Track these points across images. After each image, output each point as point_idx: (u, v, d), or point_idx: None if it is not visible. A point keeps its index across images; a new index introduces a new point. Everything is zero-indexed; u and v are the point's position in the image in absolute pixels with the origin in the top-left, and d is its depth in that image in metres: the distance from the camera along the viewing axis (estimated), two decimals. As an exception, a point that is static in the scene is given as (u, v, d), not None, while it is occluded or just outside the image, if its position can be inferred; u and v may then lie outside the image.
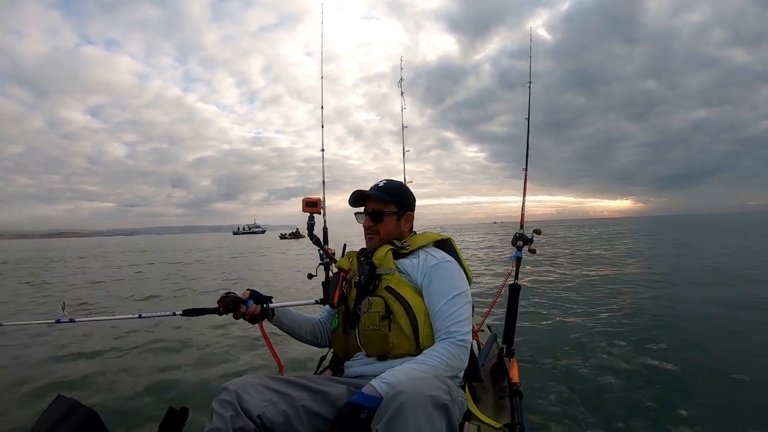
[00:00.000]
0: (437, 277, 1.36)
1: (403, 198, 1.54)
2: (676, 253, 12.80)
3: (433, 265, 1.38)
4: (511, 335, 2.34)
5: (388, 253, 1.42)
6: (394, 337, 1.30)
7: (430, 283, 1.35)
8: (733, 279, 7.51)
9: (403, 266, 1.40)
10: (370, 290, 1.38)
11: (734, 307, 5.34)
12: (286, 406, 1.14)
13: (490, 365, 1.98)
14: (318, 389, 1.23)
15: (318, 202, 2.17)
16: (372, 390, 1.10)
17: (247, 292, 1.48)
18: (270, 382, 1.17)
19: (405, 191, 1.57)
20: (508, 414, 1.57)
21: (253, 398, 1.10)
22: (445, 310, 1.30)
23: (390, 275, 1.38)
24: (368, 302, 1.35)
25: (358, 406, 1.06)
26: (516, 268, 2.56)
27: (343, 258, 1.63)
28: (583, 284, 7.41)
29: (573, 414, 2.57)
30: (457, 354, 1.24)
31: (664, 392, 2.86)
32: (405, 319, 1.31)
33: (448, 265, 1.40)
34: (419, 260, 1.41)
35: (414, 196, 1.60)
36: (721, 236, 21.72)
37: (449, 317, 1.29)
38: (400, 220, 1.53)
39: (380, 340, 1.31)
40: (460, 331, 1.27)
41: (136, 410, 2.79)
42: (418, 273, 1.38)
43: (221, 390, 1.10)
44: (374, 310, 1.32)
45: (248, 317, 1.47)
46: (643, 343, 3.89)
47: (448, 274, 1.37)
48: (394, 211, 1.51)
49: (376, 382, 1.12)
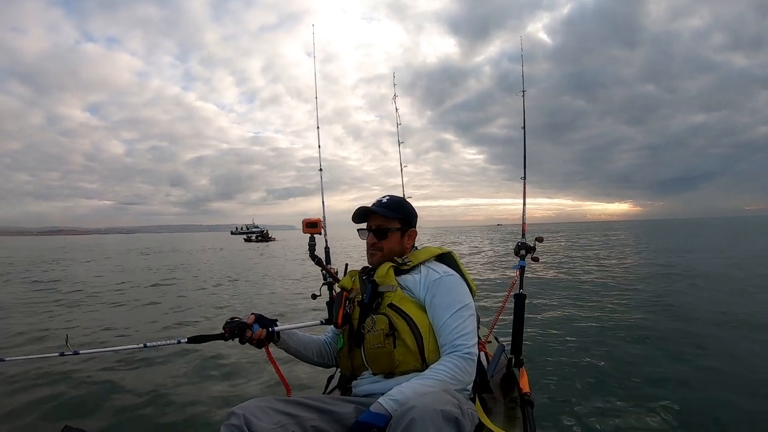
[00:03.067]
0: (440, 292, 1.35)
1: (407, 214, 1.55)
2: (680, 260, 12.75)
3: (435, 279, 1.38)
4: (519, 345, 2.32)
5: (390, 271, 1.42)
6: (400, 354, 1.30)
7: (434, 298, 1.35)
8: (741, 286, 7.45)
9: (405, 282, 1.41)
10: (373, 308, 1.38)
11: (749, 317, 5.29)
12: (296, 427, 1.14)
13: (499, 376, 1.96)
14: (327, 409, 1.22)
15: (318, 223, 2.18)
16: (380, 408, 1.10)
17: (252, 316, 1.48)
18: (278, 405, 1.16)
19: (408, 207, 1.58)
20: (520, 424, 1.56)
21: (262, 422, 1.09)
22: (449, 324, 1.30)
23: (392, 292, 1.38)
24: (372, 320, 1.35)
25: (366, 425, 1.06)
26: (520, 278, 2.55)
27: (345, 277, 1.63)
28: (589, 291, 7.37)
29: (585, 422, 2.54)
30: (463, 367, 1.24)
31: (674, 396, 2.82)
32: (409, 335, 1.31)
33: (450, 279, 1.40)
34: (421, 275, 1.41)
35: (416, 212, 1.61)
36: (722, 241, 21.60)
37: (454, 331, 1.29)
38: (404, 237, 1.54)
39: (386, 358, 1.31)
40: (465, 344, 1.27)
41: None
42: (421, 288, 1.38)
43: (229, 415, 1.09)
44: (378, 328, 1.32)
45: (254, 342, 1.45)
46: (655, 349, 3.86)
47: (451, 287, 1.37)
48: (398, 228, 1.53)
49: (384, 399, 1.12)
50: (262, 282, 10.83)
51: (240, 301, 7.92)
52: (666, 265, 10.79)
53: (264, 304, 7.56)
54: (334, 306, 1.52)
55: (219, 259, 19.66)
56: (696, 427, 2.47)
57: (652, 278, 8.55)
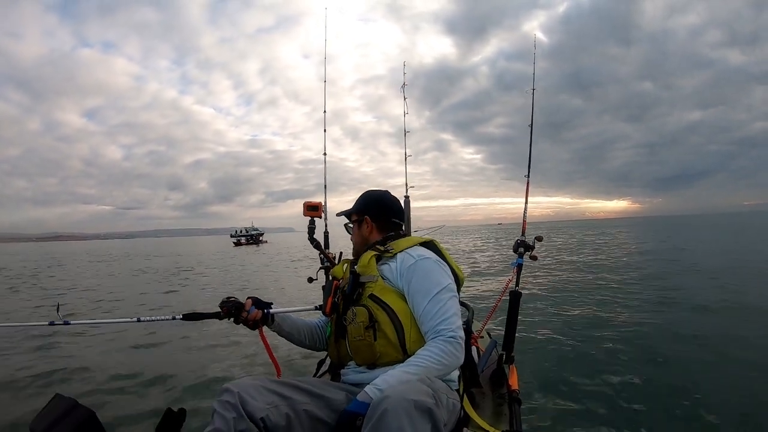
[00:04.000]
0: (416, 277, 1.33)
1: (362, 204, 1.59)
2: (676, 258, 12.76)
3: (410, 265, 1.36)
4: (511, 342, 2.33)
5: (371, 260, 1.41)
6: (380, 346, 1.29)
7: (410, 284, 1.33)
8: (739, 284, 7.45)
9: (384, 272, 1.40)
10: (354, 300, 1.37)
11: (742, 315, 5.30)
12: (289, 409, 1.14)
13: (489, 372, 1.97)
14: (319, 394, 1.23)
15: (319, 206, 2.16)
16: (365, 397, 1.10)
17: (249, 300, 1.48)
18: (272, 385, 1.17)
19: (366, 197, 1.61)
20: (506, 420, 1.57)
21: (256, 401, 1.09)
22: (429, 310, 1.27)
23: (373, 282, 1.37)
24: (353, 313, 1.34)
25: (353, 414, 1.06)
26: (517, 275, 2.55)
27: (338, 265, 1.63)
28: (583, 291, 7.38)
29: (571, 422, 2.57)
30: (449, 351, 1.21)
31: (664, 400, 2.84)
32: (390, 326, 1.30)
33: (424, 263, 1.36)
34: (397, 263, 1.39)
35: (383, 199, 1.60)
36: (718, 237, 21.60)
37: (435, 315, 1.26)
38: (362, 226, 1.56)
39: (367, 350, 1.31)
40: (449, 328, 1.24)
41: (134, 411, 2.79)
42: (397, 276, 1.36)
43: (222, 391, 1.09)
44: (359, 320, 1.32)
45: (249, 323, 1.46)
46: (645, 351, 3.88)
47: (427, 271, 1.34)
48: (355, 219, 1.59)
49: (370, 388, 1.13)
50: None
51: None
52: (663, 261, 10.78)
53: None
54: (324, 294, 1.55)
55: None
56: (687, 423, 2.49)
57: (646, 278, 8.54)
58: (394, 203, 1.61)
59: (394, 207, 1.60)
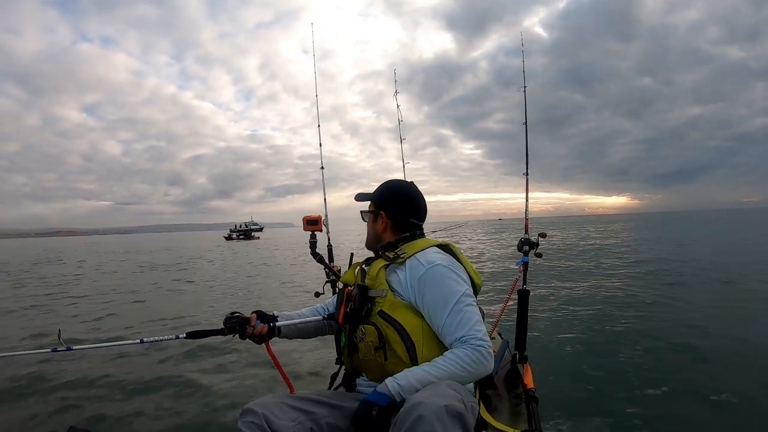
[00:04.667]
0: (429, 288, 1.25)
1: (377, 197, 1.50)
2: (682, 255, 12.70)
3: (420, 276, 1.27)
4: (523, 341, 2.32)
5: (380, 272, 1.33)
6: (391, 365, 1.25)
7: (424, 297, 1.25)
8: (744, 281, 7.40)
9: (393, 284, 1.32)
10: (363, 316, 1.31)
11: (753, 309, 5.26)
12: (312, 424, 1.15)
13: (503, 372, 1.96)
14: (338, 405, 1.24)
15: (319, 220, 2.15)
16: (384, 389, 1.13)
17: (254, 314, 1.45)
18: (292, 401, 1.17)
19: (385, 189, 1.51)
20: (524, 420, 1.56)
21: (280, 419, 1.09)
22: (450, 322, 1.21)
23: (383, 298, 1.29)
24: (362, 331, 1.29)
25: (370, 403, 1.10)
26: (524, 274, 2.55)
27: (348, 271, 1.55)
28: (593, 288, 7.35)
29: (590, 418, 2.54)
30: (476, 358, 1.16)
31: (682, 394, 2.82)
32: (401, 345, 1.24)
33: (435, 271, 1.27)
34: (405, 272, 1.31)
35: (405, 197, 1.48)
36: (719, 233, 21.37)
37: (458, 327, 1.20)
38: (377, 220, 1.48)
39: (378, 370, 1.28)
40: (474, 336, 1.18)
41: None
42: (408, 289, 1.29)
43: (245, 412, 1.08)
44: (368, 339, 1.27)
45: (255, 338, 1.43)
46: (660, 345, 3.86)
47: (439, 280, 1.26)
48: (372, 210, 1.50)
49: (390, 381, 1.14)
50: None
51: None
52: (670, 261, 10.73)
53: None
54: (336, 303, 1.49)
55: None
56: (702, 423, 2.46)
57: (655, 274, 8.50)
58: (416, 201, 1.48)
59: (416, 205, 1.47)
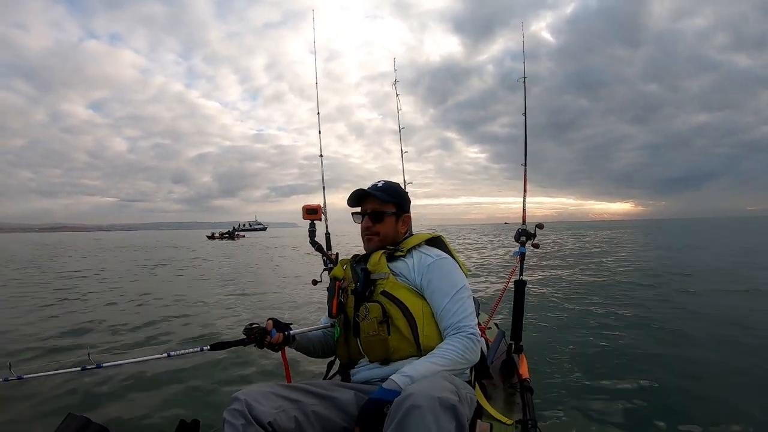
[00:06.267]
0: (436, 276, 1.37)
1: (401, 199, 1.56)
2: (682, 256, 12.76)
3: (429, 264, 1.39)
4: (519, 331, 2.34)
5: (382, 258, 1.43)
6: (394, 341, 1.32)
7: (430, 283, 1.36)
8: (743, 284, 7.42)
9: (397, 269, 1.42)
10: (366, 297, 1.39)
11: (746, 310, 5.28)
12: (297, 412, 1.16)
13: (499, 362, 1.98)
14: (327, 395, 1.24)
15: (318, 209, 2.17)
16: (393, 384, 1.13)
17: (270, 322, 1.50)
18: (280, 390, 1.19)
19: (402, 193, 1.60)
20: (519, 410, 1.57)
21: (263, 406, 1.11)
22: (450, 308, 1.32)
23: (385, 279, 1.39)
24: (366, 309, 1.36)
25: (381, 401, 1.09)
26: (520, 264, 2.55)
27: (336, 267, 1.63)
28: (589, 280, 7.39)
29: (584, 408, 2.56)
30: (470, 347, 1.26)
31: (676, 384, 2.84)
32: (403, 321, 1.32)
33: (444, 262, 1.41)
34: (413, 261, 1.42)
35: (409, 199, 1.62)
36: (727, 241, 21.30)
37: (456, 313, 1.31)
38: (398, 222, 1.55)
39: (380, 345, 1.33)
40: (469, 325, 1.29)
41: (147, 425, 2.78)
42: (415, 274, 1.39)
43: (232, 400, 1.12)
44: (372, 316, 1.34)
45: (274, 347, 1.49)
46: (655, 337, 3.89)
47: (447, 271, 1.39)
48: (393, 212, 1.53)
49: (397, 376, 1.15)
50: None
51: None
52: (668, 263, 10.80)
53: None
54: (328, 296, 1.57)
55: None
56: (697, 414, 2.48)
57: (652, 274, 8.57)
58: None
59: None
